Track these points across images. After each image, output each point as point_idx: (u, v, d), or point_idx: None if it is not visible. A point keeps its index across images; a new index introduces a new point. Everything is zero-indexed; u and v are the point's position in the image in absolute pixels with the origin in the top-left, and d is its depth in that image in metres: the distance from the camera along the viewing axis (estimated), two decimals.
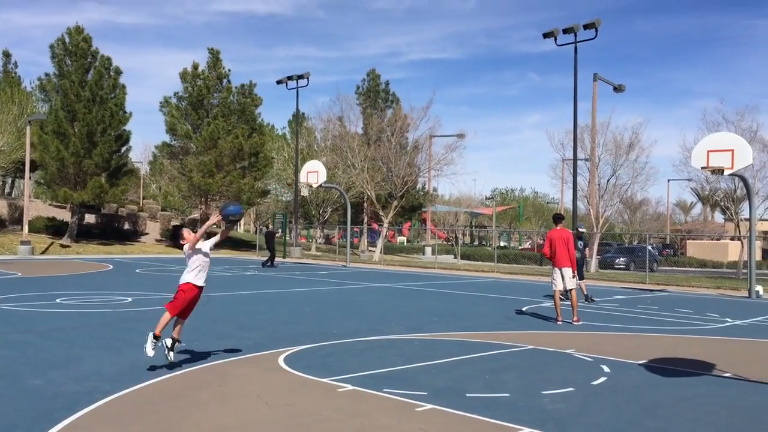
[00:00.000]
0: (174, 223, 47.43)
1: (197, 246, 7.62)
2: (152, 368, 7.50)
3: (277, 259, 29.65)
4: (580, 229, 18.03)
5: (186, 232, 7.78)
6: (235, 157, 40.10)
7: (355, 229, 48.13)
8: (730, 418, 6.05)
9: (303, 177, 32.37)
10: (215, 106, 40.92)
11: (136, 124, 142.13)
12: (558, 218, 13.06)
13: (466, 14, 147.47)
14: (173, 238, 8.67)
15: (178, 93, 41.24)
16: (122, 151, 38.79)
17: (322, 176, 31.47)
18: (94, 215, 42.13)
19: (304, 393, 6.61)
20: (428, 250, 46.96)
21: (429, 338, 10.29)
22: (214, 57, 41.57)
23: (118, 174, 37.98)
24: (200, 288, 7.67)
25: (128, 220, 44.56)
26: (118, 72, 37.72)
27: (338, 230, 46.34)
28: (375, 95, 48.87)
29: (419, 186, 51.28)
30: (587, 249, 17.32)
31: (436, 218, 66.47)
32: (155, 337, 7.36)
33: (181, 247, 7.82)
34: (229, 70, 41.83)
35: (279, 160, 48.22)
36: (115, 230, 41.73)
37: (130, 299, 14.56)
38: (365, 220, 46.96)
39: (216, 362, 7.99)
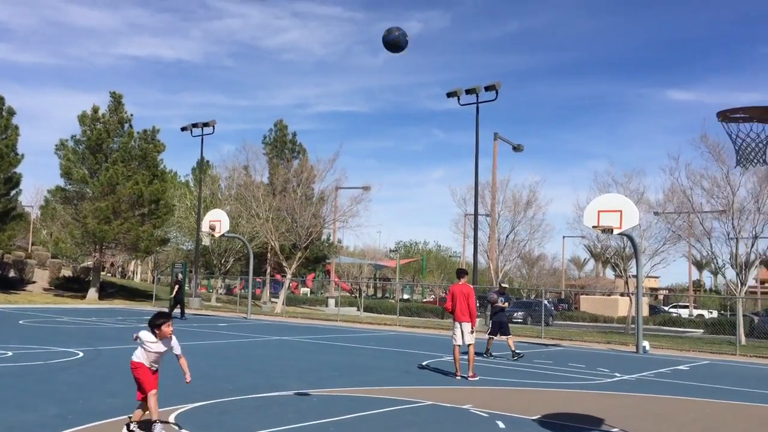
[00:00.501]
0: (65, 273, 45.19)
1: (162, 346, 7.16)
2: (29, 430, 7.01)
3: (176, 311, 28.64)
4: (502, 285, 18.34)
5: (167, 326, 7.16)
6: (134, 204, 38.83)
7: (258, 280, 47.31)
8: None
9: (205, 226, 31.70)
10: (115, 151, 39.66)
11: (29, 166, 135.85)
12: (461, 273, 13.26)
13: (375, 70, 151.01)
14: (151, 323, 7.58)
15: (75, 136, 39.78)
16: (11, 194, 36.88)
17: (225, 225, 30.91)
18: None
19: None
20: (331, 302, 46.67)
21: (328, 394, 10.14)
22: (116, 101, 40.50)
23: (6, 219, 36.04)
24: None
25: (14, 267, 42.09)
26: (11, 112, 36.17)
27: (240, 281, 45.42)
28: (282, 145, 48.87)
29: (324, 237, 51.22)
30: (508, 304, 17.68)
31: (341, 270, 66.36)
32: (160, 422, 6.95)
33: (155, 334, 7.14)
34: (132, 115, 40.81)
35: (181, 208, 47.08)
36: None
37: (10, 353, 13.64)
38: (268, 270, 46.30)
39: (101, 422, 7.57)
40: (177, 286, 28.54)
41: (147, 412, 6.99)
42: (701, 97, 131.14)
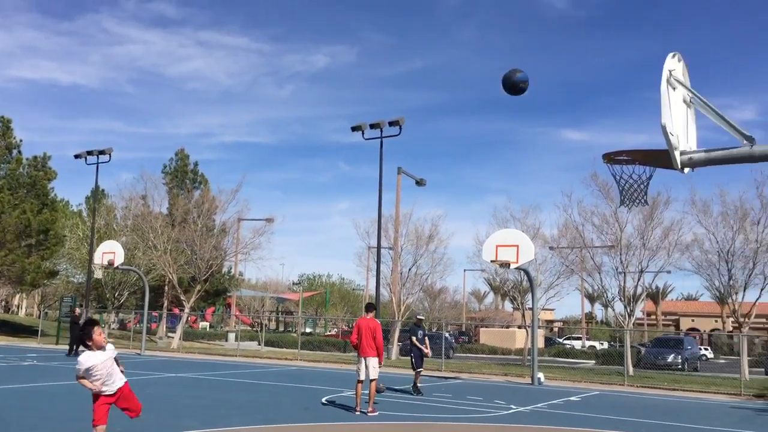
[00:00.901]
0: None
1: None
2: None
3: (63, 345, 27.13)
4: (419, 317, 18.13)
5: (98, 334, 6.79)
6: (20, 234, 36.80)
7: (154, 314, 45.62)
8: None
9: (98, 258, 30.38)
10: (1, 178, 37.61)
11: None
12: (369, 307, 13.20)
13: (281, 101, 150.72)
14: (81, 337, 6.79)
15: None
16: None
17: (119, 257, 29.73)
18: None
19: None
20: (231, 336, 45.55)
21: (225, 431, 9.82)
22: (4, 125, 38.56)
23: None
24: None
25: None
26: None
27: (135, 315, 43.63)
28: (183, 175, 47.71)
29: (225, 270, 50.10)
30: (425, 338, 17.31)
31: (242, 303, 65.03)
32: None
33: (90, 347, 6.78)
34: (21, 141, 38.98)
35: (72, 239, 44.92)
36: None
37: None
38: (165, 304, 44.75)
39: None
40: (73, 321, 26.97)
41: None
42: (593, 137, 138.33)
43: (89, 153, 36.42)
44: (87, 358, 6.67)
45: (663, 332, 54.98)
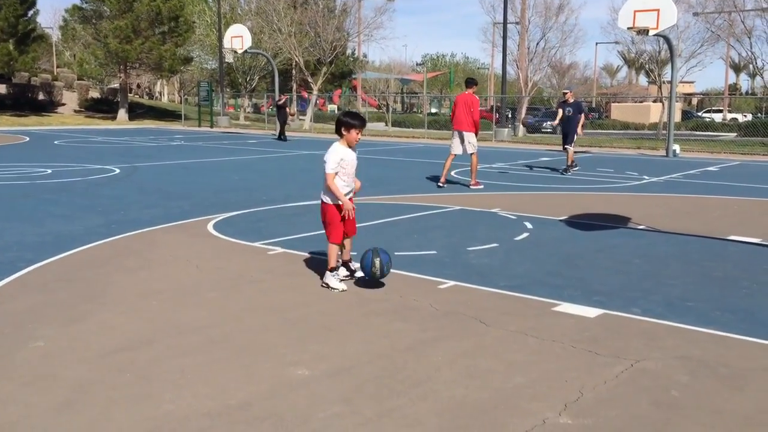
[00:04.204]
0: (93, 94, 45.31)
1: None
2: (75, 238, 7.37)
3: (204, 128, 28.86)
4: (565, 93, 16.17)
5: (357, 131, 5.61)
6: (153, 22, 37.92)
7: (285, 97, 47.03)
8: (639, 265, 6.44)
9: (227, 42, 31.06)
10: None
11: None
12: (469, 82, 12.49)
13: None
14: (341, 126, 6.52)
15: None
16: (29, 15, 36.12)
17: (247, 41, 30.27)
18: (4, 85, 39.76)
19: (234, 256, 6.65)
20: None
21: (359, 202, 10.35)
22: None
23: (27, 40, 35.61)
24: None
25: (42, 90, 42.26)
26: None
27: (267, 99, 45.24)
28: None
29: (349, 52, 50.01)
30: (581, 115, 15.55)
31: (367, 85, 65.51)
32: (332, 269, 5.61)
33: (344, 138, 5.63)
34: None
35: (201, 25, 45.88)
36: (29, 101, 39.64)
37: (50, 171, 14.06)
38: (294, 87, 45.87)
39: (143, 230, 7.90)
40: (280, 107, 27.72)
41: (347, 247, 5.83)
42: None
43: None
44: (338, 151, 5.56)
45: None
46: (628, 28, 19.50)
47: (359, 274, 5.66)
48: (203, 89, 37.73)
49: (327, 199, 5.63)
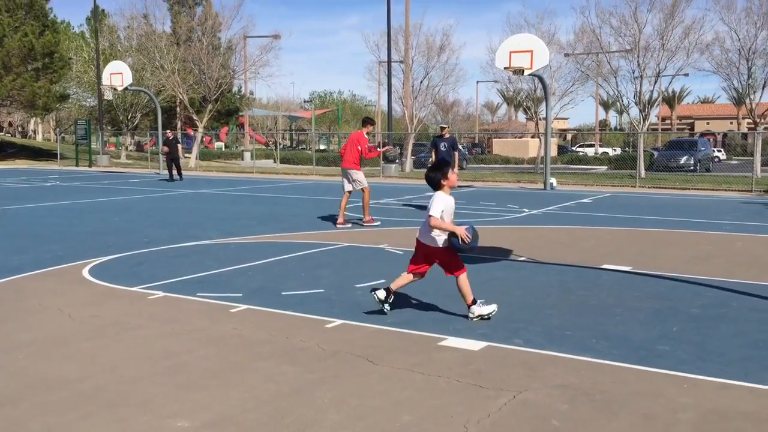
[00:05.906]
0: None
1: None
2: None
3: (83, 167, 27.57)
4: (442, 127, 16.15)
5: (453, 174, 5.90)
6: (25, 58, 36.12)
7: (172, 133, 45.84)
8: (521, 297, 6.65)
9: (106, 79, 30.02)
10: None
11: None
12: (364, 121, 12.54)
13: None
14: (436, 178, 6.35)
15: None
16: None
17: (127, 78, 29.37)
18: None
19: (111, 303, 6.33)
20: (247, 155, 46.01)
21: (245, 241, 10.20)
22: None
23: None
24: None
25: None
26: None
27: (150, 137, 43.92)
28: None
29: (235, 89, 49.61)
30: (455, 151, 15.18)
31: (255, 122, 65.10)
32: (473, 302, 5.87)
33: (442, 187, 5.86)
34: None
35: (78, 62, 44.20)
36: None
37: None
38: (179, 125, 44.88)
39: (9, 278, 7.39)
40: (167, 147, 25.94)
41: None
42: None
43: None
44: (442, 200, 5.81)
45: (677, 135, 54.85)
46: (505, 68, 20.42)
47: (387, 308, 5.95)
48: (81, 127, 36.14)
49: (433, 243, 5.91)
